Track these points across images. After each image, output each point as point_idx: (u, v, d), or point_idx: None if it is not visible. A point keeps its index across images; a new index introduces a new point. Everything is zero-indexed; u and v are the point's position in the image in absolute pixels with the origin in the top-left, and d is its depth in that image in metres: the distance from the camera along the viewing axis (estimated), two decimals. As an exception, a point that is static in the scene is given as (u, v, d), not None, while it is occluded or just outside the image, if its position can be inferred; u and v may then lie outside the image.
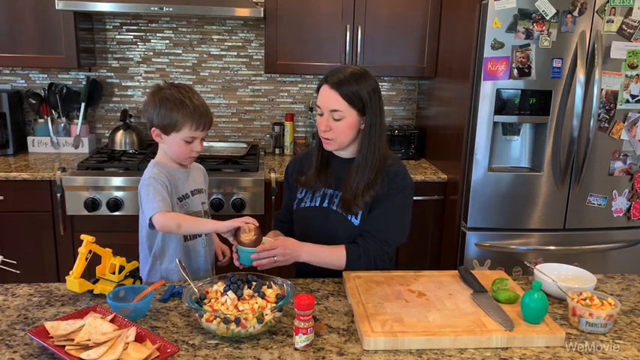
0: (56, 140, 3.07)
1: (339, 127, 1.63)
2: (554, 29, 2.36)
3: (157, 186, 1.65)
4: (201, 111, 1.68)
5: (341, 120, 1.62)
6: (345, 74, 1.61)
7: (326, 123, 1.63)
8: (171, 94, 1.68)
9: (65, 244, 2.65)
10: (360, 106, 1.61)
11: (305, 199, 1.77)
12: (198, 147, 1.73)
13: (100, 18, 3.10)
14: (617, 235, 2.65)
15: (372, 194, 1.64)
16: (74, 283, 1.46)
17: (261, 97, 3.31)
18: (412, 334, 1.27)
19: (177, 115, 1.66)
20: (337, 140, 1.66)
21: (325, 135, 1.65)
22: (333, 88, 1.60)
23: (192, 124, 1.67)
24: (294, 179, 1.84)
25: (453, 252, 2.68)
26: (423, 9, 2.91)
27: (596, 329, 1.35)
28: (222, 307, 1.30)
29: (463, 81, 2.55)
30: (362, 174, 1.64)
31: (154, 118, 1.69)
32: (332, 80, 1.61)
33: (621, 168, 2.57)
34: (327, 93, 1.62)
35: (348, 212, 1.67)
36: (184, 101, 1.66)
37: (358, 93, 1.60)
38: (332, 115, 1.62)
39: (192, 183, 1.81)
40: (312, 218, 1.75)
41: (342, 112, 1.61)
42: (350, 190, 1.65)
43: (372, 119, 1.63)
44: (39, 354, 1.20)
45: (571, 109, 2.43)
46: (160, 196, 1.63)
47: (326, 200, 1.72)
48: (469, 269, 1.62)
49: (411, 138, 3.13)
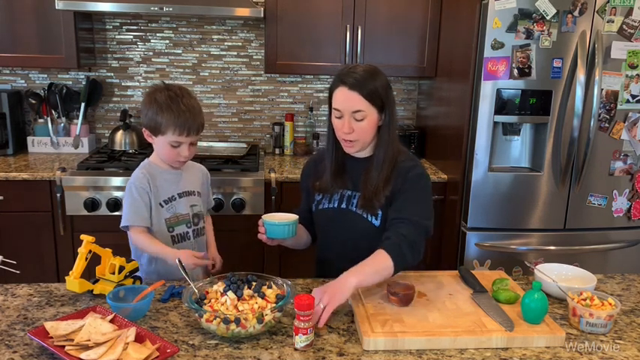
0: (56, 140, 3.06)
1: (362, 127, 1.59)
2: (554, 29, 2.36)
3: (134, 194, 1.72)
4: (186, 116, 1.67)
5: (363, 120, 1.58)
6: (359, 73, 1.58)
7: (348, 125, 1.59)
8: (161, 97, 1.69)
9: (65, 244, 2.65)
10: (379, 103, 1.59)
11: (323, 200, 1.74)
12: (185, 152, 1.72)
13: (100, 18, 3.10)
14: (617, 235, 2.64)
15: (389, 189, 1.61)
16: (74, 283, 1.46)
17: (261, 97, 3.31)
18: (412, 334, 1.27)
19: (162, 118, 1.67)
20: (360, 141, 1.62)
21: (348, 137, 1.61)
22: (353, 89, 1.56)
23: (176, 129, 1.67)
24: (310, 184, 1.80)
25: (453, 252, 2.68)
26: (423, 9, 2.91)
27: (597, 329, 1.35)
28: (222, 308, 1.30)
29: (463, 81, 2.55)
30: (380, 170, 1.62)
31: (144, 119, 1.73)
32: (349, 81, 1.57)
33: (621, 168, 2.57)
34: (346, 94, 1.57)
35: (368, 212, 1.64)
36: (171, 105, 1.66)
37: (377, 90, 1.58)
38: (354, 116, 1.58)
39: (182, 185, 1.81)
40: (331, 220, 1.73)
41: (365, 112, 1.57)
42: (370, 187, 1.63)
43: (389, 115, 1.62)
44: (39, 354, 1.20)
45: (571, 109, 2.43)
46: (134, 207, 1.71)
47: (344, 201, 1.69)
48: (469, 269, 1.63)
49: (411, 138, 3.13)
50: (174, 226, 1.78)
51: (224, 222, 2.15)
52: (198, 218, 1.84)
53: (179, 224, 1.79)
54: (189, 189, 1.82)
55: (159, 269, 1.78)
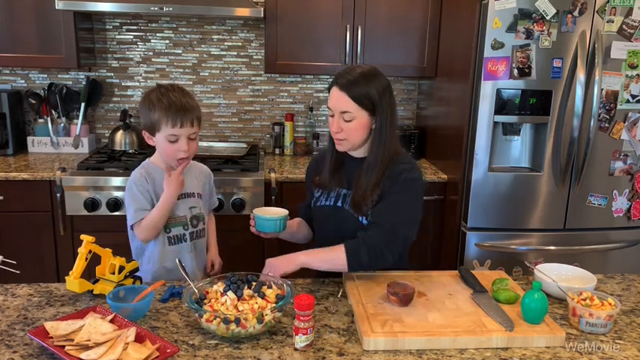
0: (56, 140, 3.06)
1: (350, 128, 1.62)
2: (554, 29, 2.36)
3: (135, 191, 1.73)
4: (177, 107, 1.67)
5: (351, 121, 1.61)
6: (354, 75, 1.60)
7: (337, 124, 1.62)
8: (153, 95, 1.70)
9: (65, 244, 2.65)
10: (369, 106, 1.60)
11: (321, 197, 1.77)
12: (184, 146, 1.71)
13: (100, 18, 3.10)
14: (617, 235, 2.64)
15: (377, 193, 1.62)
16: (74, 283, 1.46)
17: (261, 97, 3.31)
18: (412, 334, 1.27)
19: (154, 113, 1.68)
20: (349, 140, 1.65)
21: (337, 136, 1.65)
22: (342, 90, 1.59)
23: (168, 121, 1.67)
24: (311, 180, 1.85)
25: (453, 252, 2.68)
26: (423, 9, 2.91)
27: (597, 329, 1.35)
28: (222, 308, 1.30)
29: (463, 81, 2.55)
30: (371, 173, 1.63)
31: (142, 121, 1.76)
32: (341, 82, 1.60)
33: (621, 168, 2.57)
34: (337, 94, 1.61)
35: (358, 212, 1.65)
36: (161, 99, 1.68)
37: (368, 94, 1.59)
38: (342, 116, 1.61)
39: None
40: (326, 217, 1.76)
41: (352, 114, 1.60)
42: (360, 189, 1.64)
43: (382, 119, 1.62)
44: (39, 354, 1.20)
45: (571, 109, 2.43)
46: (136, 204, 1.72)
47: (340, 200, 1.71)
48: (469, 269, 1.62)
49: (411, 138, 3.13)
50: (171, 227, 1.78)
51: (224, 222, 2.15)
52: (197, 220, 1.84)
53: (175, 225, 1.79)
54: (187, 191, 1.82)
55: (159, 269, 1.78)
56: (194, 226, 1.83)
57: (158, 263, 1.78)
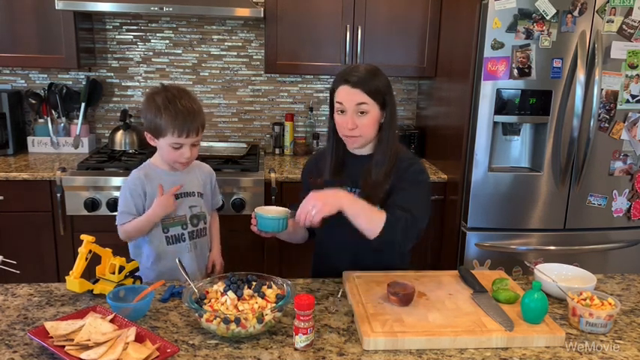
0: (56, 140, 3.07)
1: (364, 123, 1.61)
2: (554, 29, 2.36)
3: (126, 195, 1.76)
4: (184, 117, 1.67)
5: (366, 114, 1.60)
6: (361, 72, 1.61)
7: (352, 121, 1.60)
8: (159, 99, 1.69)
9: (65, 244, 2.65)
10: (381, 100, 1.62)
11: None
12: (187, 153, 1.73)
13: (100, 18, 3.10)
14: (617, 235, 2.64)
15: (389, 182, 1.63)
16: (74, 283, 1.46)
17: (261, 97, 3.31)
18: (412, 334, 1.27)
19: (160, 120, 1.68)
20: (364, 136, 1.64)
21: (352, 133, 1.62)
22: (355, 87, 1.59)
23: (175, 131, 1.68)
24: (309, 180, 1.82)
25: (453, 252, 2.68)
26: (423, 9, 2.91)
27: (596, 329, 1.35)
28: (222, 307, 1.30)
29: (463, 81, 2.55)
30: (380, 167, 1.63)
31: (144, 122, 1.75)
32: (352, 80, 1.60)
33: (621, 168, 2.57)
34: (348, 91, 1.60)
35: None
36: (168, 107, 1.67)
37: (378, 87, 1.60)
38: (358, 109, 1.60)
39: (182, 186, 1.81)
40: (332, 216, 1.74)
41: (368, 105, 1.60)
42: (370, 185, 1.64)
43: (390, 113, 1.64)
44: (39, 354, 1.20)
45: (571, 109, 2.43)
46: (123, 207, 1.76)
47: None
48: (469, 269, 1.62)
49: (411, 138, 3.13)
50: (169, 227, 1.78)
51: (224, 222, 2.15)
52: (197, 219, 1.84)
53: (174, 225, 1.79)
54: (188, 190, 1.82)
55: (159, 269, 1.78)
56: (194, 226, 1.83)
57: (157, 263, 1.78)
